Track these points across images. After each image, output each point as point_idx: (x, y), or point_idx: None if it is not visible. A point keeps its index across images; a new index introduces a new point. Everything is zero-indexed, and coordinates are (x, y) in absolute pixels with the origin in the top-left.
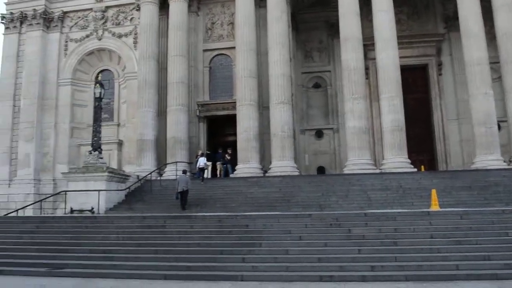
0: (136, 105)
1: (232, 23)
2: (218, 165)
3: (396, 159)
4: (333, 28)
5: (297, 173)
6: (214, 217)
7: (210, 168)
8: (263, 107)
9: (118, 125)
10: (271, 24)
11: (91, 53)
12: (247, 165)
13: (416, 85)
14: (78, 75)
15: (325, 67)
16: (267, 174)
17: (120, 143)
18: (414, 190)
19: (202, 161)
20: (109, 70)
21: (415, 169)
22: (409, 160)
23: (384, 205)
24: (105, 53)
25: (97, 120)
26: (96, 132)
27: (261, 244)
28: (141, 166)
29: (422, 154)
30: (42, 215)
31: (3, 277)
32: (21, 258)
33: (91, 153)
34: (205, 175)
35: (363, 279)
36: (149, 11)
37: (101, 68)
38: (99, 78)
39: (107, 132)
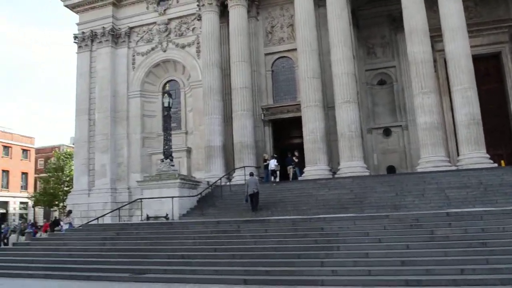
0: (202, 112)
1: (291, 25)
2: (290, 168)
3: (474, 155)
4: (395, 22)
5: (367, 173)
6: (288, 221)
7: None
8: (327, 107)
9: (186, 133)
10: (332, 23)
11: (157, 65)
12: (315, 167)
13: (488, 75)
14: (146, 87)
15: (389, 62)
16: (336, 176)
17: (188, 150)
18: (496, 186)
19: (273, 163)
20: (175, 80)
21: (495, 164)
22: (487, 155)
23: (465, 204)
24: (170, 64)
25: (167, 129)
26: (167, 141)
27: (339, 247)
28: (210, 172)
29: (499, 148)
30: (120, 222)
31: (91, 282)
32: (105, 264)
33: (163, 161)
34: (275, 178)
35: (454, 283)
36: (210, 20)
37: (167, 79)
38: (167, 88)
39: (176, 140)
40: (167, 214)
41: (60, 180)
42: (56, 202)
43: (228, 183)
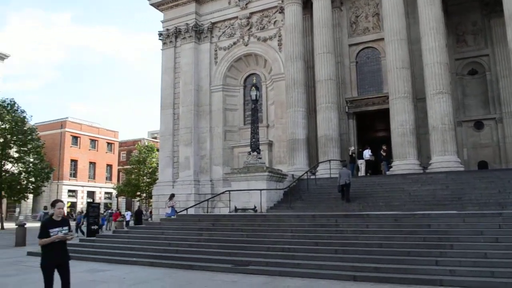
0: (284, 105)
1: (377, 14)
2: (383, 164)
3: None
4: (488, 7)
5: (462, 169)
6: (389, 216)
7: (363, 166)
8: (417, 99)
9: (267, 126)
10: (423, 9)
11: (238, 59)
12: (404, 161)
13: None
14: (228, 81)
15: (481, 51)
16: (427, 171)
17: (270, 144)
18: None
19: (367, 153)
20: (256, 73)
21: None
22: None
23: None
24: (252, 57)
25: (254, 122)
26: (254, 134)
27: (452, 246)
28: (293, 166)
29: None
30: (210, 213)
31: (195, 272)
32: (206, 254)
33: (250, 154)
34: (361, 173)
35: None
36: (293, 12)
37: (249, 73)
38: (254, 81)
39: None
40: (255, 207)
41: (142, 172)
42: (138, 193)
43: (312, 177)
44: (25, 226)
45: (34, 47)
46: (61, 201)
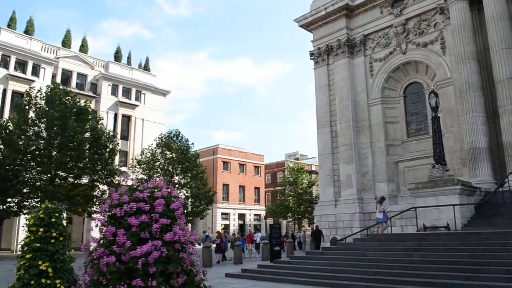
0: (455, 112)
1: None
2: None
3: None
4: None
5: None
6: None
7: None
8: None
9: None
10: None
11: (396, 68)
12: None
13: None
14: (386, 93)
15: None
16: None
17: None
18: None
19: None
20: (417, 82)
21: None
22: None
23: None
24: (411, 65)
25: (436, 132)
26: (437, 144)
27: None
28: (476, 178)
29: None
30: (407, 232)
31: None
32: (423, 277)
33: (433, 167)
34: None
35: None
36: (460, 10)
37: (408, 82)
38: (433, 87)
39: (421, 145)
40: (448, 224)
41: (294, 192)
42: (290, 214)
43: (501, 189)
44: (211, 248)
45: (176, 85)
46: None
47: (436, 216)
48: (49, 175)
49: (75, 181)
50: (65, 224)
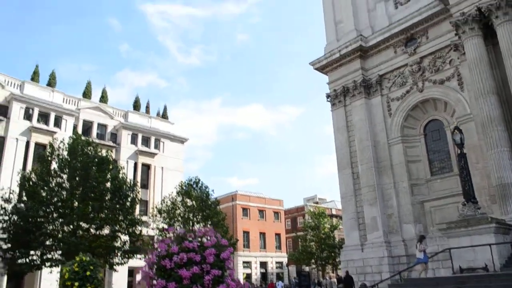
0: (478, 148)
1: None
2: None
3: None
4: None
5: None
6: None
7: None
8: None
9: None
10: None
11: (414, 107)
12: None
13: None
14: (406, 132)
15: None
16: None
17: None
18: None
19: None
20: (436, 119)
21: None
22: None
23: None
24: (429, 103)
25: (463, 169)
26: (466, 181)
27: None
28: (508, 215)
29: None
30: (439, 275)
31: None
32: None
33: (464, 205)
34: None
35: None
36: (475, 45)
37: (427, 120)
38: (456, 123)
39: (446, 184)
40: (486, 265)
41: (317, 237)
42: (313, 260)
43: None
44: None
45: (190, 132)
46: None
47: (472, 257)
48: (71, 227)
49: (97, 232)
50: (99, 278)
